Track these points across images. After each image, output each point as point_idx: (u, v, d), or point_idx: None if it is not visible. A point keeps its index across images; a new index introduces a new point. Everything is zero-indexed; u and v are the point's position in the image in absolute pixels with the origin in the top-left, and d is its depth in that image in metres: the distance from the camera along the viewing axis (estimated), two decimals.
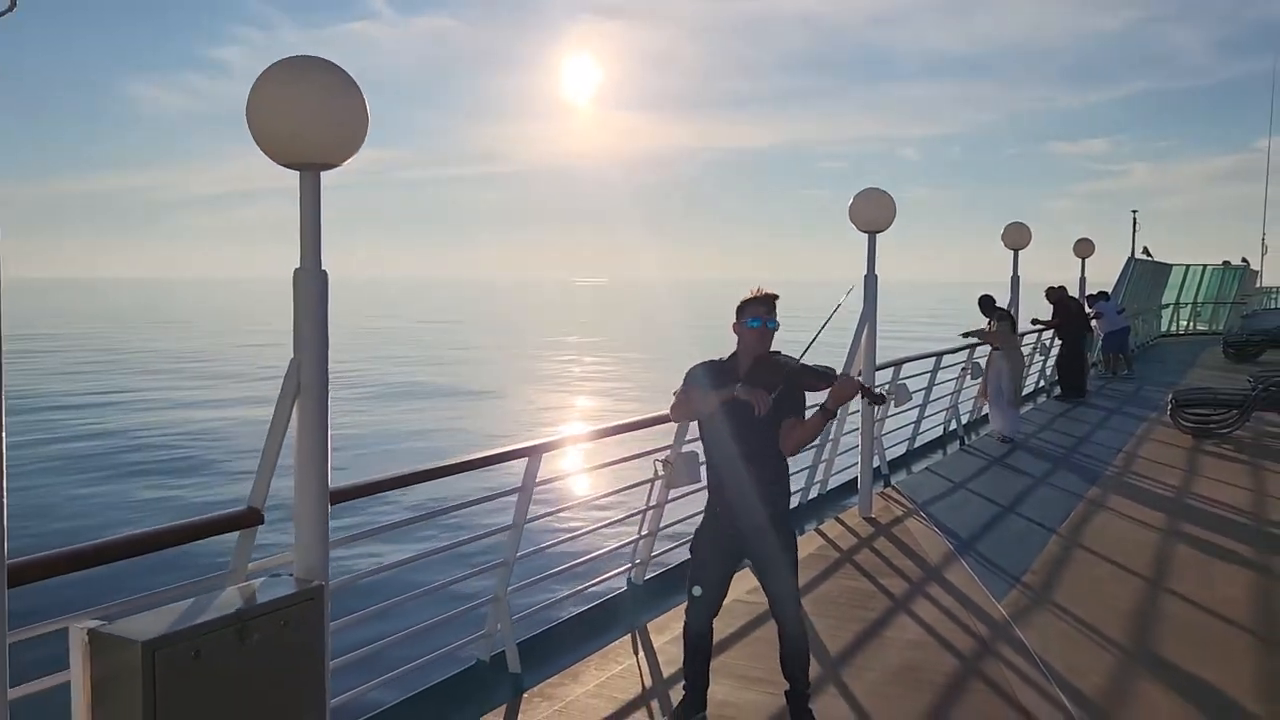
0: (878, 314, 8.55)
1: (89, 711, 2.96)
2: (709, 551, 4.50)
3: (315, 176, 3.51)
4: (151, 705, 2.89)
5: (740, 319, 4.37)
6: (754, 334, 4.33)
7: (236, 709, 3.12)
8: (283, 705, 3.30)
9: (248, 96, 3.41)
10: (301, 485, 3.56)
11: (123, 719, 2.92)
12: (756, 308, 4.33)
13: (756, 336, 4.33)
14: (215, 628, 3.04)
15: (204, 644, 3.00)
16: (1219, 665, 5.35)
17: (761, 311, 4.32)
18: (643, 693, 5.01)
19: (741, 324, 4.36)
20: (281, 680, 3.28)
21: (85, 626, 2.94)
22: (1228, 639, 5.83)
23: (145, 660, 2.85)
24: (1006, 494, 9.63)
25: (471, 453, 5.10)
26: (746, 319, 4.34)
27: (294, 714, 3.34)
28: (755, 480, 4.31)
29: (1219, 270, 36.81)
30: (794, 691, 4.52)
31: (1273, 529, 8.39)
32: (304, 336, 3.54)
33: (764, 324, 4.31)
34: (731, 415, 4.29)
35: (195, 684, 2.99)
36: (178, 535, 3.56)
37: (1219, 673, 5.25)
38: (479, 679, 5.19)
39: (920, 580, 6.85)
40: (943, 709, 4.83)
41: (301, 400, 3.54)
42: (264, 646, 3.18)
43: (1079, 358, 17.00)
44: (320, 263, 3.54)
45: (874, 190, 8.34)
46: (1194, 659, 5.43)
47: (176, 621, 3.01)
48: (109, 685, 2.94)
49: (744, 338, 4.37)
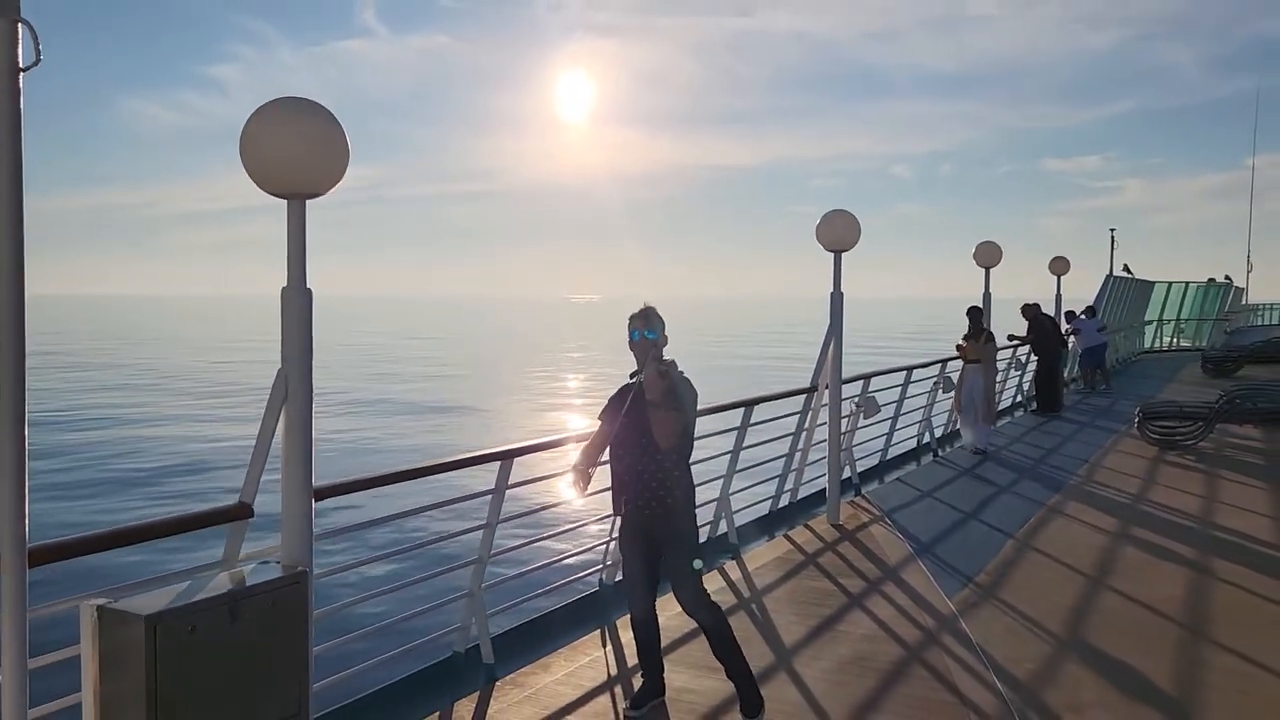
0: (872, 329, 8.96)
1: (98, 681, 3.33)
2: (625, 543, 5.00)
3: (301, 204, 3.91)
4: (154, 675, 3.26)
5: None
6: (633, 346, 4.80)
7: (229, 680, 3.50)
8: (270, 679, 3.67)
9: (241, 133, 3.81)
10: (288, 482, 3.95)
11: (128, 687, 3.30)
12: (633, 322, 4.79)
13: (635, 349, 4.79)
14: (210, 606, 3.42)
15: (200, 620, 3.38)
16: (1145, 654, 5.75)
17: (638, 325, 4.78)
18: (607, 681, 5.39)
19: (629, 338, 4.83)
20: (269, 656, 3.65)
21: (94, 604, 3.32)
22: (1158, 631, 6.23)
23: (148, 633, 3.23)
24: (971, 502, 10.03)
25: (448, 455, 5.50)
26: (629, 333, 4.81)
27: (280, 687, 3.72)
28: (640, 475, 4.78)
29: (1202, 287, 37.38)
30: (731, 673, 4.89)
31: (1219, 533, 8.80)
32: (291, 348, 3.93)
33: (642, 336, 4.77)
34: (622, 427, 4.78)
35: (192, 656, 3.36)
36: (176, 525, 3.96)
37: (1144, 660, 5.65)
38: (454, 668, 5.56)
39: (878, 580, 7.24)
40: (885, 693, 5.22)
41: (288, 406, 3.93)
42: (253, 624, 3.56)
43: (1054, 373, 17.45)
44: (305, 281, 3.93)
45: (839, 211, 8.77)
46: (1123, 649, 5.83)
47: (175, 600, 3.39)
48: (115, 657, 3.31)
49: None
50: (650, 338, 4.75)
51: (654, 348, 4.76)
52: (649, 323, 4.78)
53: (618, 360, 22.57)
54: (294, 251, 3.92)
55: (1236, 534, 8.71)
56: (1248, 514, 9.47)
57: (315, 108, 3.86)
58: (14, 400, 2.92)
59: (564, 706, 5.03)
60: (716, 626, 4.87)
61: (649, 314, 4.79)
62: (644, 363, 4.75)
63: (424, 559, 6.68)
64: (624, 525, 4.98)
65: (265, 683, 3.65)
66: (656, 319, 4.80)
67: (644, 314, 4.79)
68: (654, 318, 4.80)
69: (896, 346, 52.63)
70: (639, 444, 4.77)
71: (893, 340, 59.82)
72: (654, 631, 5.03)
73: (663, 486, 4.79)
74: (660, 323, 4.81)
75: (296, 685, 3.80)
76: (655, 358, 4.72)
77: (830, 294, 8.95)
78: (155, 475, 20.20)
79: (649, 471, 4.78)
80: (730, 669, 4.89)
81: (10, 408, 2.92)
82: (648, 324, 4.77)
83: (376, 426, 27.17)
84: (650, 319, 4.78)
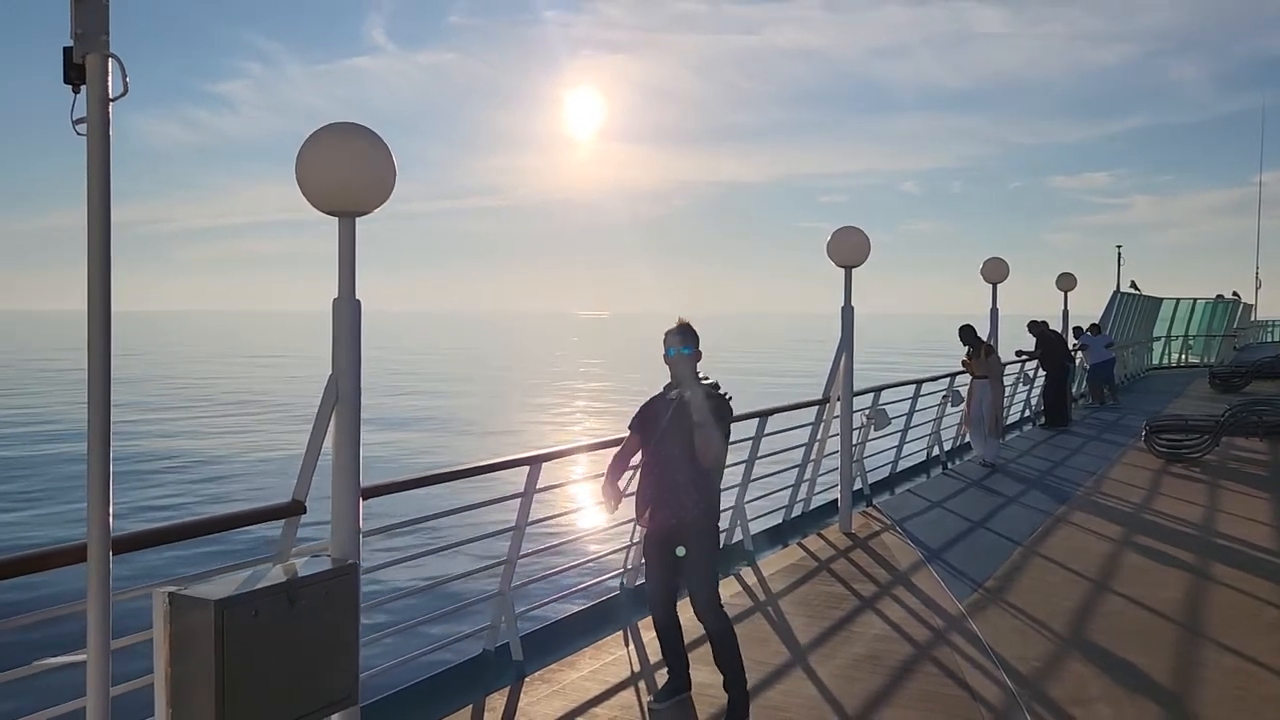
0: (882, 344, 9.24)
1: (168, 662, 3.59)
2: (650, 550, 5.21)
3: (351, 222, 4.19)
4: (221, 656, 3.53)
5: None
6: (669, 361, 4.99)
7: (288, 664, 3.76)
8: (324, 664, 3.93)
9: (297, 155, 4.10)
10: (338, 482, 4.22)
11: (197, 668, 3.56)
12: (670, 338, 4.97)
13: (671, 363, 4.99)
14: (271, 593, 3.69)
15: (261, 606, 3.64)
16: (1148, 653, 5.98)
17: (674, 341, 4.96)
18: (631, 676, 5.64)
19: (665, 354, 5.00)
20: (323, 642, 3.92)
21: (166, 590, 3.59)
22: (1159, 632, 6.46)
23: (217, 616, 3.50)
24: (980, 511, 10.26)
25: (481, 459, 5.78)
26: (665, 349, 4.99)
27: (331, 671, 3.97)
28: (672, 487, 4.96)
29: (1210, 304, 37.51)
30: (728, 684, 5.06)
31: (1221, 540, 9.02)
32: (341, 356, 4.21)
33: (678, 352, 4.95)
34: (659, 442, 4.97)
35: (256, 640, 3.63)
36: (235, 520, 4.25)
37: (1147, 658, 5.88)
38: (485, 665, 5.82)
39: (888, 584, 7.48)
40: (897, 688, 5.46)
41: (339, 410, 4.21)
42: (309, 612, 3.83)
43: (1062, 388, 17.65)
44: (354, 292, 4.21)
45: (849, 228, 9.06)
46: (1127, 648, 6.06)
47: (240, 587, 3.65)
48: (185, 640, 3.58)
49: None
50: (686, 354, 4.94)
51: (691, 363, 4.95)
52: (685, 339, 4.96)
53: (631, 375, 22.45)
54: (344, 265, 4.20)
55: (1238, 541, 8.93)
56: (1250, 522, 9.69)
57: (364, 131, 4.15)
58: (100, 405, 3.20)
59: (590, 700, 5.28)
60: (722, 634, 5.06)
61: (685, 330, 4.97)
62: (681, 378, 4.93)
63: (457, 559, 6.95)
64: (650, 535, 5.16)
65: (320, 667, 3.91)
66: (692, 334, 4.98)
67: (680, 330, 4.96)
68: (690, 333, 4.98)
69: (904, 361, 52.81)
70: (678, 459, 4.91)
71: (903, 355, 60.04)
72: (677, 634, 5.25)
73: (699, 501, 4.97)
74: (695, 338, 4.99)
75: (348, 671, 4.06)
76: (696, 376, 4.93)
77: (841, 308, 9.22)
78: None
79: (685, 486, 4.94)
80: (728, 680, 5.05)
81: (98, 412, 3.20)
82: (684, 340, 4.95)
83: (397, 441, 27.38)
84: (686, 335, 4.97)
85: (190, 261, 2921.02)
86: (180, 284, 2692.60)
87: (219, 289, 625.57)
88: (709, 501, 5.05)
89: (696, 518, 4.99)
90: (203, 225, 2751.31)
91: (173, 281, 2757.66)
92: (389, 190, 4.24)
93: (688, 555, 5.02)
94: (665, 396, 5.05)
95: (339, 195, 4.13)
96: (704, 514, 5.02)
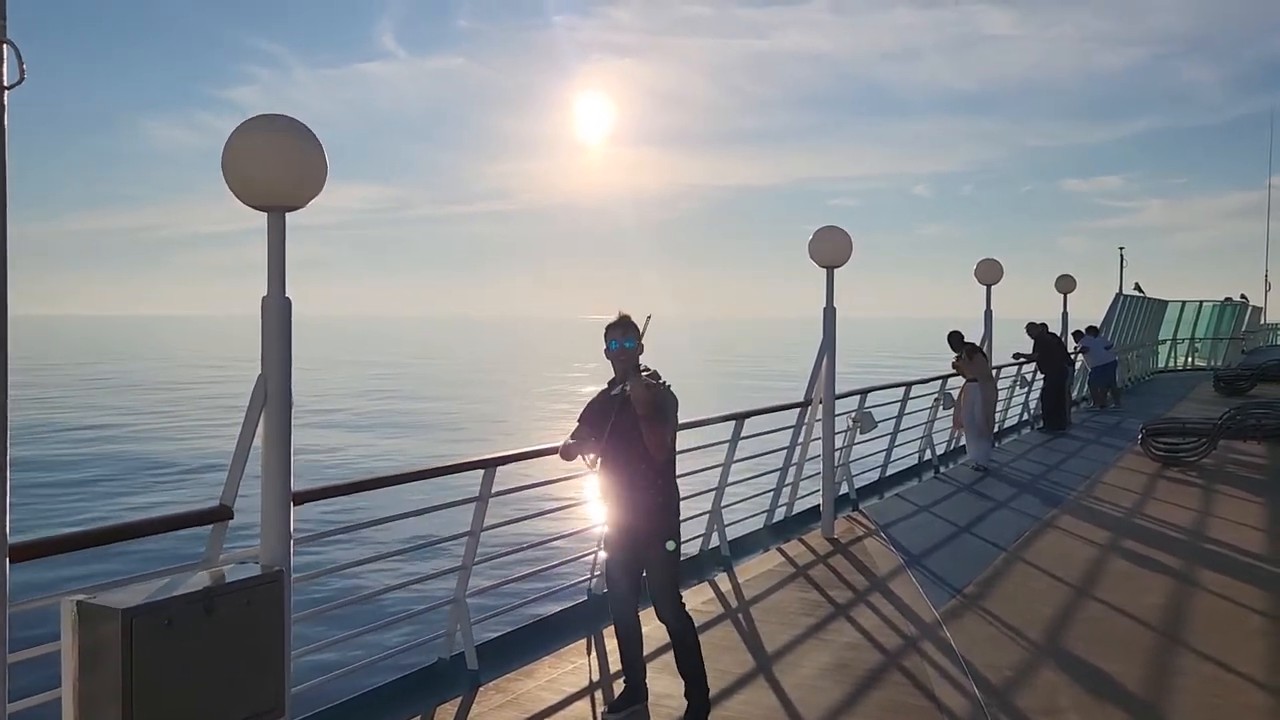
0: (887, 349, 9.06)
1: (77, 675, 3.45)
2: (611, 549, 5.11)
3: (280, 217, 4.06)
4: (130, 667, 3.38)
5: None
6: (611, 356, 4.88)
7: (204, 675, 3.61)
8: (245, 675, 3.78)
9: (223, 149, 3.96)
10: (267, 485, 4.08)
11: (107, 681, 3.41)
12: (611, 332, 4.86)
13: (613, 358, 4.87)
14: (186, 601, 3.55)
15: (175, 614, 3.50)
16: (1125, 661, 5.79)
17: (616, 335, 4.85)
18: (589, 686, 5.47)
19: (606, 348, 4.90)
20: (245, 653, 3.77)
21: (74, 599, 3.44)
22: (1139, 639, 6.27)
23: (125, 625, 3.35)
24: (967, 516, 10.07)
25: (429, 462, 5.61)
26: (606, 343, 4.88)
27: (255, 683, 3.82)
28: (629, 485, 4.86)
29: (1218, 307, 37.14)
30: (689, 692, 4.95)
31: (1210, 545, 8.82)
32: (270, 355, 4.07)
33: (620, 345, 4.84)
34: (609, 439, 4.84)
35: (168, 650, 3.49)
36: (156, 525, 4.10)
37: (1123, 667, 5.69)
38: (438, 675, 5.65)
39: (865, 591, 7.30)
40: (861, 698, 5.29)
41: (268, 410, 4.07)
42: (229, 621, 3.68)
43: (1060, 391, 17.43)
44: (284, 291, 4.08)
45: (831, 228, 8.91)
46: (1104, 656, 5.87)
47: (152, 595, 3.52)
48: (94, 651, 3.43)
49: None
50: (629, 347, 4.83)
51: (633, 357, 4.84)
52: (627, 332, 4.85)
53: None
54: (274, 263, 4.06)
55: (1228, 546, 8.73)
56: (1242, 527, 9.49)
57: (293, 124, 4.01)
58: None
59: (544, 710, 5.12)
60: (684, 637, 4.95)
61: (626, 324, 4.87)
62: (623, 373, 4.84)
63: (410, 566, 6.79)
64: (610, 533, 5.08)
65: (241, 678, 3.76)
66: (634, 328, 4.88)
67: (621, 324, 4.87)
68: (631, 327, 4.87)
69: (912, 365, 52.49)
70: (631, 456, 4.82)
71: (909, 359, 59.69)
72: (637, 638, 5.11)
73: (655, 497, 4.88)
74: (637, 331, 4.87)
75: (273, 682, 3.91)
76: (638, 369, 4.80)
77: (823, 309, 9.05)
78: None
79: (641, 484, 4.86)
80: (689, 687, 4.95)
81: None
82: (625, 333, 4.85)
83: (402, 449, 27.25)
84: (628, 328, 4.86)
85: (195, 266, 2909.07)
86: (185, 290, 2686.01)
87: (230, 294, 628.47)
88: (667, 496, 4.95)
89: (654, 513, 4.88)
90: (210, 231, 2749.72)
91: (177, 287, 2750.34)
92: (320, 185, 4.11)
93: (647, 553, 4.91)
94: (609, 393, 4.94)
95: (268, 190, 3.99)
96: (662, 509, 4.91)
